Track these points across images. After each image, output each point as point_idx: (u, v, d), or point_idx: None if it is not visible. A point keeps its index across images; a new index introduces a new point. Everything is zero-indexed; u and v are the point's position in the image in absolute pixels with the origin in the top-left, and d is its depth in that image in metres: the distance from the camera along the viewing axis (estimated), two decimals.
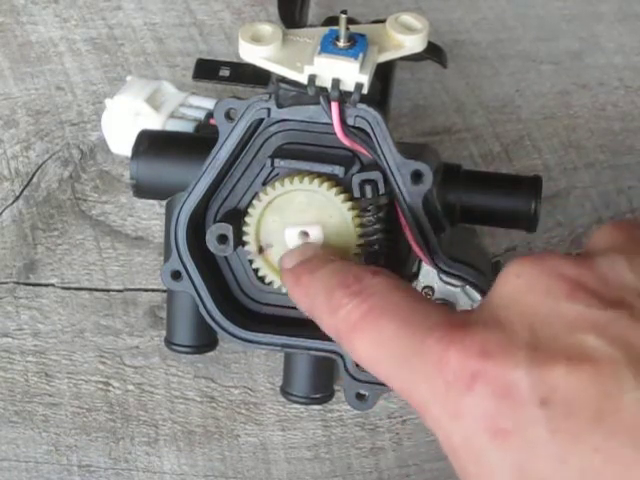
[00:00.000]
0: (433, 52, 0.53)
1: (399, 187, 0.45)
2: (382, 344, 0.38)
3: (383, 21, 0.46)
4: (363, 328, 0.38)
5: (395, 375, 0.38)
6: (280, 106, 0.45)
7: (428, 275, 0.47)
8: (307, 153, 0.46)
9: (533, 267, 0.37)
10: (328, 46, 0.44)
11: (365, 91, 0.44)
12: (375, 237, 0.45)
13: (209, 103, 0.52)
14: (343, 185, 0.45)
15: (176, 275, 0.48)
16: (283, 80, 0.45)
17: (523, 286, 0.37)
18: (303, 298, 0.43)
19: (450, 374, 0.35)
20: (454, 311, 0.38)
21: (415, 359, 0.37)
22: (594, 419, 0.33)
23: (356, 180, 0.45)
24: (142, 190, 0.49)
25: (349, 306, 0.39)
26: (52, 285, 0.56)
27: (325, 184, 0.45)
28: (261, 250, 0.46)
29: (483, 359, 0.35)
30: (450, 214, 0.48)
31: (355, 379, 0.48)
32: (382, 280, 0.40)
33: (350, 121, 0.45)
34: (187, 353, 0.51)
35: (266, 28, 0.45)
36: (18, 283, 0.56)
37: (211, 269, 0.48)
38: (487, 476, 0.35)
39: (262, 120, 0.46)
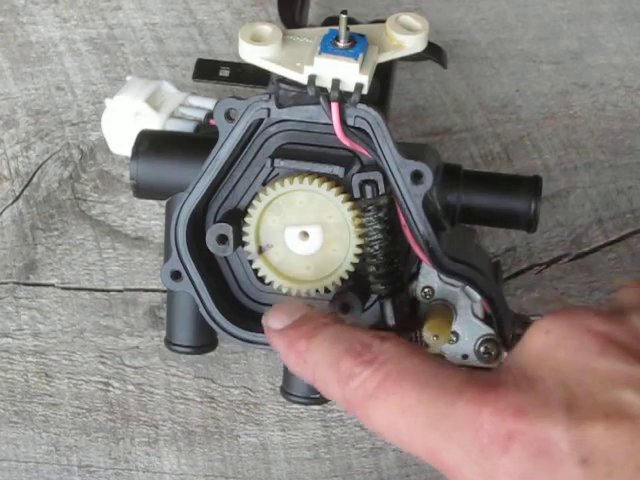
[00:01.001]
0: (433, 52, 0.53)
1: (399, 187, 0.45)
2: (405, 411, 0.37)
3: (383, 21, 0.46)
4: (379, 397, 0.38)
5: (421, 440, 0.37)
6: (280, 106, 0.45)
7: (428, 275, 0.47)
8: (307, 153, 0.46)
9: (562, 323, 0.37)
10: (328, 46, 0.44)
11: (365, 91, 0.44)
12: (375, 237, 0.45)
13: (209, 103, 0.52)
14: (343, 185, 0.45)
15: (176, 275, 0.48)
16: (283, 80, 0.45)
17: (553, 342, 0.36)
18: (300, 364, 0.41)
19: (485, 436, 0.35)
20: (476, 371, 0.38)
21: (444, 423, 0.36)
22: (635, 477, 0.33)
23: (356, 180, 0.45)
24: (142, 190, 0.49)
25: (363, 375, 0.38)
26: (52, 285, 0.56)
27: (325, 184, 0.45)
28: (261, 250, 0.46)
29: (519, 419, 0.34)
30: (450, 214, 0.48)
31: None
32: (392, 346, 0.39)
33: (350, 121, 0.45)
34: (187, 353, 0.51)
35: (266, 28, 0.45)
36: (18, 283, 0.56)
37: (211, 269, 0.48)
38: None
39: (262, 120, 0.46)
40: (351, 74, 0.43)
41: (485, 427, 0.35)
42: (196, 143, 0.49)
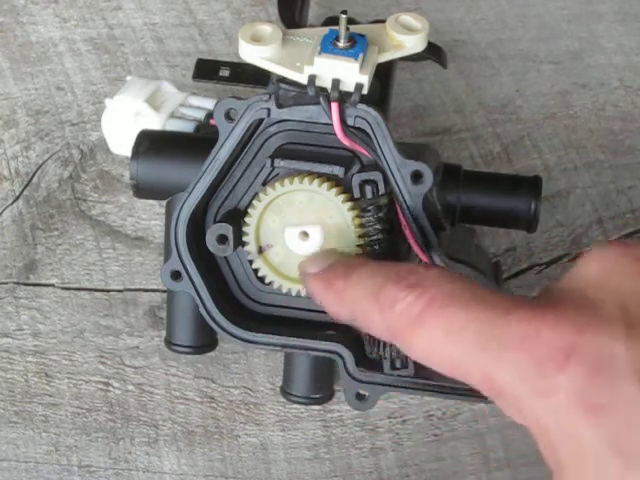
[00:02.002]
0: (433, 52, 0.53)
1: (399, 187, 0.45)
2: (453, 333, 0.36)
3: (383, 21, 0.46)
4: (426, 320, 0.37)
5: (469, 364, 0.36)
6: (280, 106, 0.45)
7: None
8: (307, 153, 0.46)
9: (617, 250, 0.37)
10: (328, 46, 0.44)
11: (365, 91, 0.44)
12: (375, 237, 0.45)
13: (209, 103, 0.52)
14: (343, 185, 0.46)
15: (176, 275, 0.48)
16: (283, 80, 0.45)
17: (610, 267, 0.37)
18: (339, 303, 0.41)
19: (542, 353, 0.34)
20: (525, 295, 0.38)
21: (495, 343, 0.35)
22: None
23: (356, 180, 0.45)
24: (142, 190, 0.49)
25: (408, 299, 0.37)
26: (52, 285, 0.56)
27: (325, 184, 0.45)
28: (261, 250, 0.46)
29: (578, 334, 0.34)
30: (450, 214, 0.48)
31: (355, 379, 0.48)
32: (437, 272, 0.38)
33: (350, 121, 0.45)
34: (187, 353, 0.51)
35: (266, 28, 0.45)
36: (18, 283, 0.56)
37: (211, 269, 0.48)
38: (581, 454, 0.34)
39: (262, 120, 0.46)
40: (351, 74, 0.43)
41: (542, 344, 0.34)
42: (196, 143, 0.49)
